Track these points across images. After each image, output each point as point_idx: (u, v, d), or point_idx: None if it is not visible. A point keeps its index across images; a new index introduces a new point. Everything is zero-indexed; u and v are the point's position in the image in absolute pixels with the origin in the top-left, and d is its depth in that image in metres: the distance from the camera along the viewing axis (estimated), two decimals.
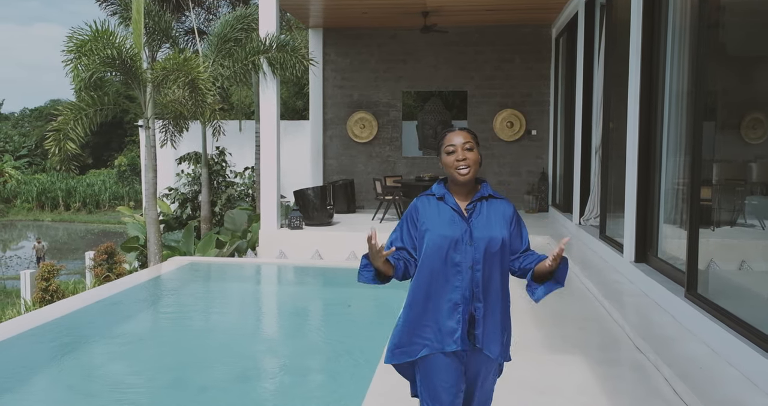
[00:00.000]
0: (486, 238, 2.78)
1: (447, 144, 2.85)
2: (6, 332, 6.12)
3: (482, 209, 2.84)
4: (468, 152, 2.81)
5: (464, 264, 2.77)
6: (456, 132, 2.88)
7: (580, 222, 10.36)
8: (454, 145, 2.82)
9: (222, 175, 14.88)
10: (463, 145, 2.82)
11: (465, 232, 2.79)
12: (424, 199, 2.93)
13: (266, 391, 5.28)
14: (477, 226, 2.80)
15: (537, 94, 14.11)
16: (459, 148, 2.80)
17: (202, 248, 10.55)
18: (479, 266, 2.78)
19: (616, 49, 8.49)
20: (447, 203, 2.85)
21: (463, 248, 2.77)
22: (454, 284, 2.79)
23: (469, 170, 2.80)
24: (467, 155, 2.81)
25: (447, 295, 2.79)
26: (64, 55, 8.29)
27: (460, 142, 2.82)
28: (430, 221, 2.84)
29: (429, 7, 12.09)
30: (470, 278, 2.77)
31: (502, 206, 2.90)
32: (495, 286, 2.82)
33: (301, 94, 23.16)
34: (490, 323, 2.82)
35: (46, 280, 11.83)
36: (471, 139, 2.86)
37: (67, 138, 8.58)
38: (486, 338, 2.81)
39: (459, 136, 2.85)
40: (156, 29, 11.40)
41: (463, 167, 2.80)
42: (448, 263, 2.79)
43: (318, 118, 14.63)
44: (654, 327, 5.34)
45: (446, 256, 2.78)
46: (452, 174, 2.83)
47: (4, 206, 37.58)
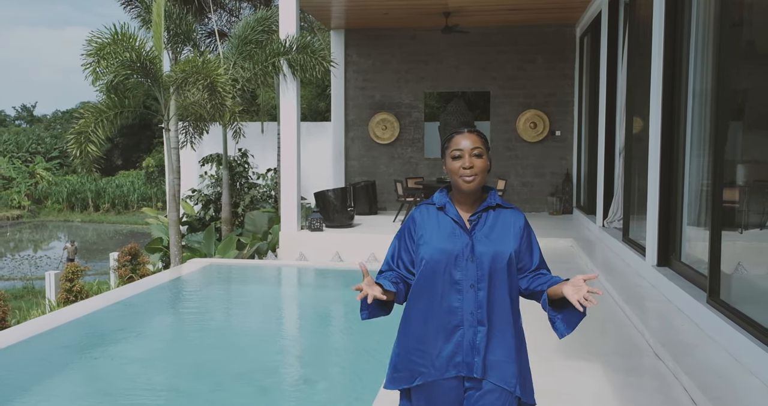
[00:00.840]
0: (490, 253, 2.49)
1: (453, 148, 2.55)
2: (27, 332, 6.17)
3: (487, 221, 2.55)
4: (476, 159, 2.51)
5: (465, 282, 2.48)
6: (464, 134, 2.55)
7: (603, 224, 10.19)
8: (461, 150, 2.52)
9: (245, 176, 14.92)
10: (471, 150, 2.52)
11: (466, 246, 2.49)
12: (423, 208, 2.65)
13: (283, 392, 5.24)
14: (480, 239, 2.51)
15: (561, 95, 13.94)
16: (466, 154, 2.51)
17: (222, 250, 10.57)
18: (482, 285, 2.48)
19: (639, 48, 8.34)
20: (448, 213, 2.57)
21: (463, 264, 2.48)
22: (453, 305, 2.49)
23: (475, 179, 2.51)
24: (475, 163, 2.51)
25: (445, 317, 2.50)
26: (84, 59, 8.37)
27: (468, 147, 2.52)
28: (428, 234, 2.56)
29: (450, 8, 12.00)
30: (472, 298, 2.48)
31: (512, 216, 2.59)
32: (501, 308, 2.50)
33: (323, 95, 23.18)
34: (497, 351, 2.49)
35: (70, 281, 11.95)
36: (481, 144, 2.54)
37: (88, 141, 8.64)
38: (490, 368, 2.49)
39: (467, 140, 2.54)
40: (177, 32, 11.45)
41: (468, 176, 2.51)
42: (447, 281, 2.50)
43: (340, 120, 14.61)
44: (675, 334, 5.20)
45: (444, 273, 2.50)
46: (456, 182, 2.55)
47: (35, 206, 38.15)
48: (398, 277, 2.62)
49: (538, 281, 2.56)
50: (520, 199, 14.11)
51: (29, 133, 49.51)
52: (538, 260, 2.61)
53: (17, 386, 5.20)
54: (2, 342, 5.90)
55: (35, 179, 39.61)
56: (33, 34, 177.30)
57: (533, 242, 2.62)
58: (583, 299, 2.34)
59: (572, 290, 2.38)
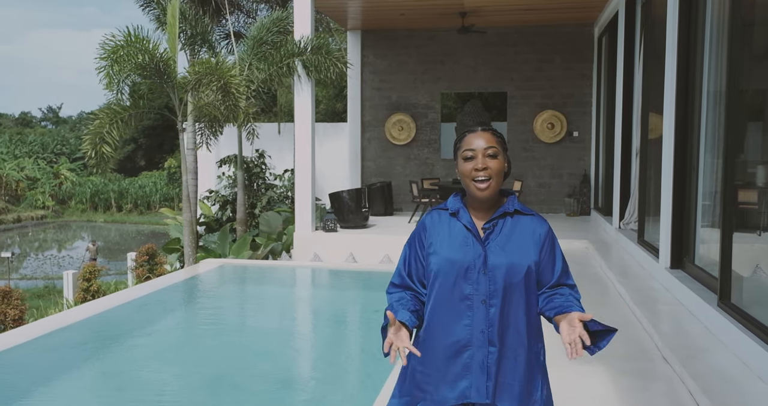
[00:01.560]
0: (505, 265, 2.24)
1: (465, 148, 2.29)
2: (39, 330, 6.23)
3: (504, 229, 2.30)
4: (490, 160, 2.25)
5: (476, 297, 2.24)
6: (477, 133, 2.30)
7: (619, 226, 10.09)
8: (473, 150, 2.27)
9: (262, 177, 14.96)
10: (485, 150, 2.26)
11: (479, 257, 2.25)
12: (435, 214, 2.41)
13: (295, 391, 5.24)
14: (494, 250, 2.27)
15: (579, 95, 13.82)
16: (479, 154, 2.25)
17: (236, 250, 10.61)
18: (495, 301, 2.24)
19: (654, 48, 8.24)
20: (461, 220, 2.32)
21: (474, 277, 2.25)
22: (463, 322, 2.25)
23: (490, 184, 2.25)
24: (489, 164, 2.25)
25: (454, 335, 2.26)
26: (97, 62, 8.45)
27: (482, 147, 2.26)
28: (439, 242, 2.33)
29: (467, 8, 11.95)
30: (484, 314, 2.24)
31: (532, 224, 2.33)
32: (516, 326, 2.26)
33: (341, 96, 23.23)
34: (507, 374, 2.26)
35: (88, 280, 12.07)
36: (496, 143, 2.29)
37: (103, 141, 8.72)
38: (500, 393, 2.26)
39: (481, 139, 2.28)
40: (194, 33, 11.52)
41: (481, 179, 2.24)
42: (457, 295, 2.26)
43: (356, 121, 14.61)
44: (684, 337, 5.12)
45: (454, 286, 2.26)
46: (468, 186, 2.29)
47: (59, 207, 38.65)
48: (414, 299, 2.40)
49: (551, 304, 2.31)
50: (538, 200, 14.02)
51: (54, 135, 50.20)
52: (559, 274, 2.36)
53: (28, 384, 5.26)
54: (15, 340, 5.97)
55: (59, 180, 40.14)
56: (60, 36, 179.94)
57: (557, 254, 2.37)
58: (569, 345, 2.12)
59: (567, 329, 2.17)
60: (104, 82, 8.41)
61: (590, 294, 7.02)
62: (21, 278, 22.14)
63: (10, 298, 9.97)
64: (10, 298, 9.96)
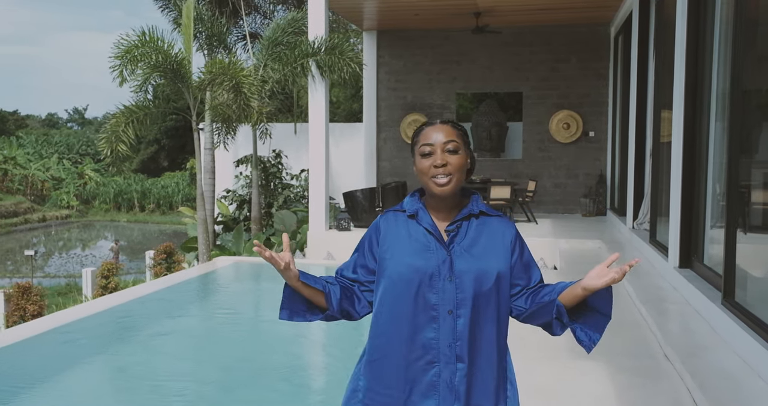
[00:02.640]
0: (473, 271, 2.03)
1: (423, 142, 2.09)
2: (50, 324, 6.36)
3: (469, 231, 2.09)
4: (450, 155, 2.06)
5: (441, 307, 2.02)
6: (435, 126, 2.10)
7: (633, 226, 10.05)
8: (431, 145, 2.06)
9: (278, 177, 15.09)
10: (443, 144, 2.06)
11: (443, 262, 2.04)
12: (391, 216, 2.17)
13: (304, 383, 5.30)
14: (460, 254, 2.05)
15: (595, 95, 13.77)
16: (438, 149, 2.05)
17: (249, 249, 10.73)
18: (463, 311, 2.02)
19: (666, 48, 8.20)
20: (421, 222, 2.10)
21: (440, 285, 2.02)
22: (427, 336, 2.02)
23: (450, 179, 2.05)
24: (448, 159, 2.05)
25: (417, 351, 2.03)
26: (112, 61, 8.61)
27: (440, 141, 2.06)
28: (396, 247, 2.09)
29: (480, 8, 11.96)
30: (451, 326, 2.01)
31: (500, 226, 2.14)
32: (486, 339, 2.05)
33: (357, 96, 23.34)
34: (478, 393, 2.04)
35: (106, 278, 12.27)
36: (456, 137, 2.08)
37: (119, 140, 8.88)
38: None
39: (439, 133, 2.07)
40: (210, 34, 11.66)
41: (441, 176, 2.04)
42: (420, 306, 2.03)
43: (372, 121, 14.68)
44: (687, 335, 5.12)
45: (417, 295, 2.03)
46: (427, 184, 2.08)
47: (83, 206, 39.16)
48: (338, 281, 2.19)
49: (541, 292, 2.12)
50: (553, 200, 13.98)
51: (80, 136, 50.89)
52: (540, 276, 2.18)
53: (45, 374, 5.38)
54: (32, 331, 6.11)
55: (84, 180, 40.66)
56: (85, 38, 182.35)
57: (529, 258, 2.18)
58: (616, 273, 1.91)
59: (597, 276, 1.96)
60: (117, 80, 8.57)
61: None
62: (44, 276, 22.47)
63: (29, 294, 10.18)
64: (30, 294, 10.17)
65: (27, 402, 4.89)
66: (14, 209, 34.08)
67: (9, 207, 33.85)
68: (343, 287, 2.17)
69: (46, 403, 4.90)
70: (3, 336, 6.05)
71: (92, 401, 4.99)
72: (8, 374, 5.36)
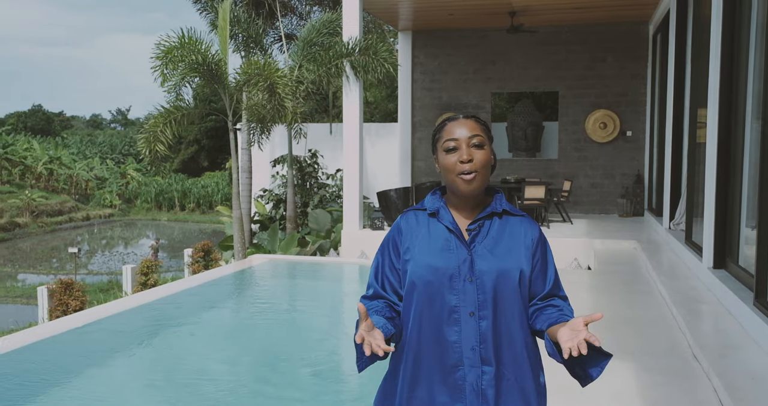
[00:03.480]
0: (494, 271, 1.95)
1: (447, 138, 2.00)
2: (86, 318, 6.56)
3: (491, 231, 2.01)
4: (476, 151, 1.97)
5: (462, 309, 1.94)
6: (459, 121, 2.01)
7: (669, 226, 9.93)
8: (456, 140, 1.97)
9: (314, 176, 15.22)
10: (468, 139, 1.97)
11: (464, 262, 1.96)
12: (411, 215, 2.09)
13: (334, 377, 5.39)
14: (481, 253, 1.97)
15: (633, 94, 13.62)
16: (463, 144, 1.96)
17: (284, 247, 10.87)
18: (486, 312, 1.94)
19: (702, 46, 8.10)
20: (442, 220, 2.03)
21: (460, 286, 1.95)
22: (450, 339, 1.95)
23: (476, 177, 1.96)
24: (474, 155, 1.96)
25: (440, 354, 1.96)
26: (153, 62, 8.82)
27: (465, 136, 1.97)
28: (417, 247, 2.02)
29: (515, 7, 11.92)
30: (474, 329, 1.94)
31: (523, 226, 2.05)
32: (515, 340, 1.97)
33: (393, 96, 23.39)
34: (507, 399, 1.96)
35: (145, 274, 12.54)
36: (480, 132, 2.00)
37: (157, 141, 9.08)
38: None
39: (463, 127, 1.99)
40: (246, 36, 11.84)
41: (467, 172, 1.95)
42: (440, 308, 1.96)
43: (407, 121, 14.73)
44: (718, 336, 5.06)
45: (437, 297, 1.96)
46: (451, 181, 1.99)
47: (125, 205, 39.93)
48: (388, 307, 2.08)
49: (542, 315, 2.02)
50: (589, 200, 13.87)
51: (122, 136, 51.92)
52: (552, 284, 2.07)
53: (82, 366, 5.56)
54: (64, 326, 6.31)
55: (126, 180, 41.47)
56: (129, 40, 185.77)
57: (549, 261, 2.08)
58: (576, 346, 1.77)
59: (567, 334, 1.82)
60: (158, 81, 8.78)
61: (631, 294, 6.97)
62: (88, 273, 23.01)
63: (71, 290, 10.47)
64: (72, 290, 10.46)
65: (64, 392, 5.06)
66: (59, 208, 34.94)
67: (54, 206, 34.71)
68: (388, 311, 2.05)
69: (83, 393, 5.06)
70: (44, 329, 6.25)
71: (127, 392, 5.14)
72: (49, 365, 5.55)
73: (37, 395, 4.97)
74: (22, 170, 38.32)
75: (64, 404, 4.81)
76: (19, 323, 11.91)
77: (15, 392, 4.96)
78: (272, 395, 5.11)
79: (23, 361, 5.50)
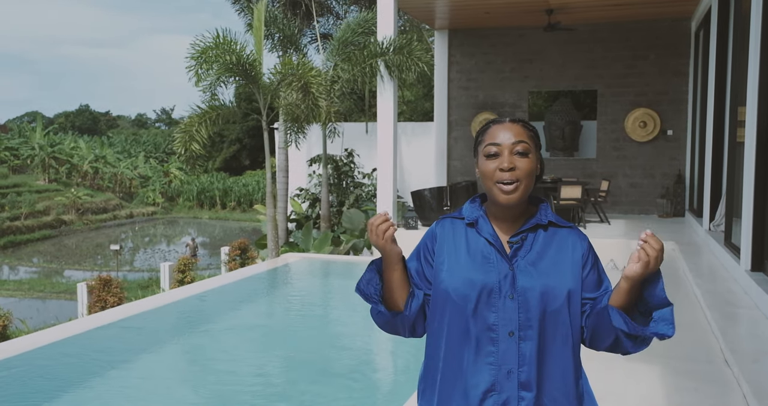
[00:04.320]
0: (538, 288, 1.79)
1: (489, 142, 1.84)
2: (129, 310, 6.69)
3: (535, 244, 1.85)
4: (519, 158, 1.80)
5: (501, 328, 1.78)
6: (504, 124, 1.85)
7: (709, 228, 9.71)
8: (498, 145, 1.81)
9: (350, 176, 15.28)
10: (512, 146, 1.81)
11: (505, 278, 1.80)
12: (448, 223, 1.94)
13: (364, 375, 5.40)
14: (524, 269, 1.81)
15: (674, 92, 13.34)
16: (506, 151, 1.80)
17: (318, 246, 10.93)
18: (528, 333, 1.78)
19: (744, 44, 7.89)
20: (481, 232, 1.86)
21: (500, 303, 1.79)
22: (486, 360, 1.79)
23: (518, 187, 1.80)
24: (517, 163, 1.80)
25: (473, 377, 1.79)
26: (187, 62, 8.95)
27: (509, 142, 1.81)
28: (452, 258, 1.86)
29: (552, 5, 11.78)
30: (513, 350, 1.78)
31: (571, 238, 1.87)
32: (559, 364, 1.80)
33: (430, 95, 23.34)
34: None
35: (182, 272, 12.73)
36: (527, 138, 1.83)
37: (192, 139, 9.21)
38: None
39: (508, 132, 1.82)
40: (282, 36, 11.93)
41: (508, 182, 1.79)
42: (477, 326, 1.80)
43: (443, 120, 14.67)
44: (753, 341, 4.93)
45: (473, 314, 1.80)
46: (491, 190, 1.83)
47: (168, 204, 40.62)
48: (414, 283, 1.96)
49: (600, 303, 1.83)
50: (628, 201, 13.64)
51: (166, 135, 52.80)
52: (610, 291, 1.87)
53: (118, 360, 5.67)
54: (102, 320, 6.45)
55: (169, 178, 42.17)
56: (173, 41, 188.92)
57: (601, 273, 1.90)
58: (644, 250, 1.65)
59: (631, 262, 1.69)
60: (193, 80, 8.91)
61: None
62: (130, 270, 23.48)
63: (110, 286, 10.69)
64: (110, 286, 10.68)
65: (98, 384, 5.16)
66: (104, 206, 35.71)
67: (99, 204, 35.48)
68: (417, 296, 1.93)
69: (117, 385, 5.16)
70: (81, 323, 6.39)
71: (159, 386, 5.22)
72: (82, 357, 5.67)
73: (70, 389, 5.08)
74: (68, 169, 39.27)
75: (89, 401, 4.91)
76: (59, 318, 12.19)
77: (48, 385, 5.08)
78: (303, 390, 5.15)
79: (59, 355, 5.63)
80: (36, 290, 19.48)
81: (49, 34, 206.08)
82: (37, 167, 38.25)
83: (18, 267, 24.79)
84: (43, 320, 13.68)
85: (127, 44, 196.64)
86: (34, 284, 20.67)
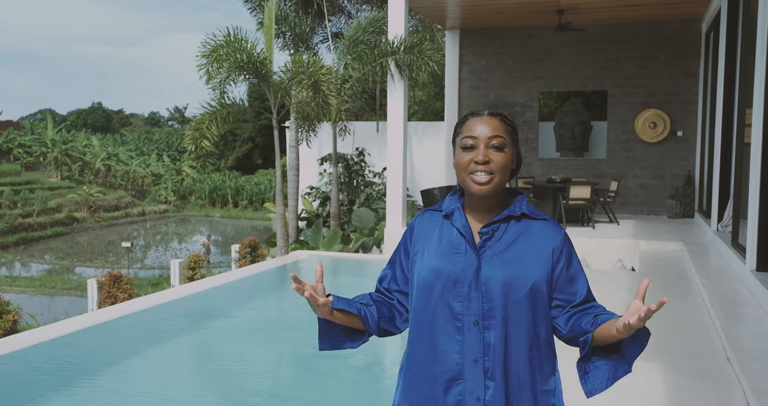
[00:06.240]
0: (501, 278, 1.79)
1: (465, 134, 1.85)
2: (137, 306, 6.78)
3: (505, 235, 1.85)
4: (494, 152, 1.82)
5: (466, 317, 1.80)
6: (482, 118, 1.85)
7: (717, 228, 9.71)
8: (474, 138, 1.83)
9: (361, 174, 15.34)
10: (488, 139, 1.82)
11: (470, 267, 1.82)
12: (427, 216, 1.98)
13: (373, 373, 5.46)
14: (490, 259, 1.82)
15: (684, 93, 13.33)
16: (481, 144, 1.82)
17: (327, 244, 11.00)
18: (492, 322, 1.79)
19: (751, 45, 7.90)
20: (454, 222, 1.89)
21: (465, 293, 1.80)
22: (453, 349, 1.81)
23: (492, 180, 1.82)
24: (491, 156, 1.82)
25: (441, 364, 1.82)
26: (197, 60, 9.05)
27: (485, 135, 1.82)
28: (426, 249, 1.90)
29: (563, 5, 11.80)
30: (478, 339, 1.79)
31: (544, 231, 1.87)
32: (522, 355, 1.80)
33: (441, 95, 23.38)
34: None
35: (192, 269, 12.84)
36: (503, 133, 1.84)
37: (203, 137, 9.31)
38: None
39: (485, 126, 1.83)
40: (294, 35, 12.01)
41: (480, 173, 1.82)
42: (444, 315, 1.82)
43: (453, 119, 14.70)
44: (755, 340, 4.96)
45: (440, 303, 1.82)
46: (464, 181, 1.85)
47: (180, 202, 40.81)
48: (375, 299, 2.03)
49: (585, 318, 1.83)
50: (638, 201, 13.63)
51: (179, 133, 53.03)
52: (585, 291, 1.88)
53: (124, 355, 5.75)
54: (109, 315, 6.54)
55: (181, 176, 42.35)
56: (187, 39, 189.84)
57: (575, 266, 1.89)
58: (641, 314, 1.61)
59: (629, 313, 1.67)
60: (204, 78, 9.00)
61: (670, 295, 6.84)
62: (141, 267, 23.64)
63: (120, 283, 10.81)
64: (120, 282, 10.79)
65: (105, 380, 5.24)
66: (116, 204, 35.93)
67: (111, 201, 35.71)
68: (380, 304, 2.01)
69: (123, 380, 5.24)
70: (91, 317, 6.49)
71: (167, 382, 5.29)
72: (92, 351, 5.76)
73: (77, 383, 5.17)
74: (81, 166, 39.52)
75: (96, 394, 4.98)
76: (69, 314, 12.33)
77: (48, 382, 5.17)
78: (311, 387, 5.21)
79: (64, 347, 5.72)
80: (47, 287, 19.67)
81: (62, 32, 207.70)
82: (50, 165, 38.52)
83: (30, 264, 25.02)
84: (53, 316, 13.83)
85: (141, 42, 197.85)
86: (45, 280, 20.86)
